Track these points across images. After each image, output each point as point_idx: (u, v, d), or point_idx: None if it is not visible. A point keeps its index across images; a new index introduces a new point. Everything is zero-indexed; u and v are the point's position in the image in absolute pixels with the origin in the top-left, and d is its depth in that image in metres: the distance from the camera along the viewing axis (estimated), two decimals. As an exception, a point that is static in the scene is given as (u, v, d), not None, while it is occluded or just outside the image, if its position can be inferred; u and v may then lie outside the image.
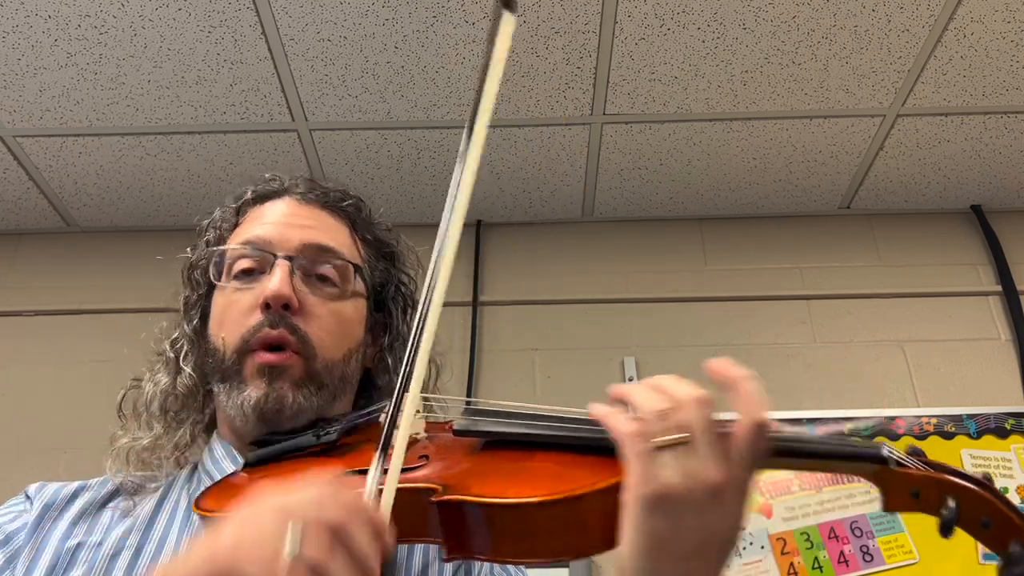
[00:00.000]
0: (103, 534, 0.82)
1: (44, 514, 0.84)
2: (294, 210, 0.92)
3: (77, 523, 0.83)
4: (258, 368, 0.83)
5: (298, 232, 0.89)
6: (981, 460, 2.09)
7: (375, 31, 1.93)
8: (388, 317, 0.97)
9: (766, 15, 1.91)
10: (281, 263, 0.85)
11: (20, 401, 2.28)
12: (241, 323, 0.85)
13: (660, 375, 0.63)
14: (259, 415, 0.82)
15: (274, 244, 0.88)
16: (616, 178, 2.40)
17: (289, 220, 0.91)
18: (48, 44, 1.92)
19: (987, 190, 2.47)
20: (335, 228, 0.93)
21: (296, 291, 0.85)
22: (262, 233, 0.89)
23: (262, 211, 0.93)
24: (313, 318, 0.86)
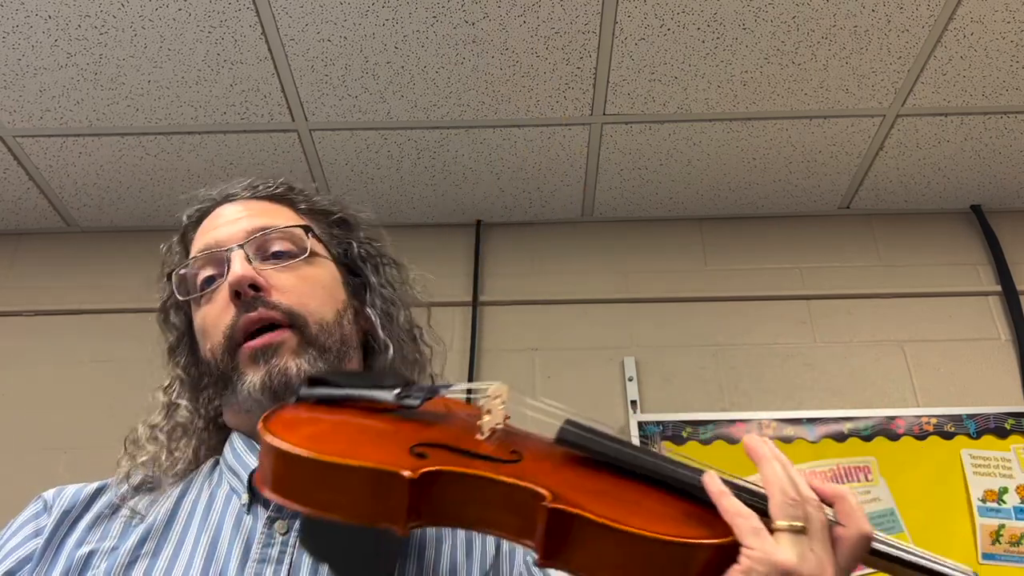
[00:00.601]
0: (118, 539, 0.81)
1: (61, 522, 0.83)
2: (230, 210, 0.94)
3: (91, 529, 0.83)
4: (251, 355, 0.83)
5: (242, 222, 0.90)
6: (981, 460, 2.09)
7: (375, 31, 1.93)
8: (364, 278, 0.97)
9: (766, 15, 1.91)
10: (235, 252, 0.86)
11: (20, 401, 2.28)
12: (220, 324, 0.85)
13: (784, 459, 0.70)
14: (270, 395, 0.81)
15: (222, 241, 0.89)
16: (616, 178, 2.40)
17: (229, 219, 0.92)
18: (48, 44, 1.92)
19: (987, 190, 2.47)
20: (274, 210, 0.94)
21: (259, 272, 0.85)
22: (208, 240, 0.91)
23: (204, 225, 0.95)
24: (286, 290, 0.86)
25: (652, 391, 2.25)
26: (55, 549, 0.81)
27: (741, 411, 2.21)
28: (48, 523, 0.83)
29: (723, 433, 2.13)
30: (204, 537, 0.79)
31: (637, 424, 2.14)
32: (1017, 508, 2.02)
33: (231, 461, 0.87)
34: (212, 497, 0.85)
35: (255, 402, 0.82)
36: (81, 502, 0.85)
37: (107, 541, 0.81)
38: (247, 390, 0.82)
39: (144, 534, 0.81)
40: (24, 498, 0.91)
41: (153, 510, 0.84)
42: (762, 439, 0.68)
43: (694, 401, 2.24)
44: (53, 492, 0.87)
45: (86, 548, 0.81)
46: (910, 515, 2.01)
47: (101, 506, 0.85)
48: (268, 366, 0.82)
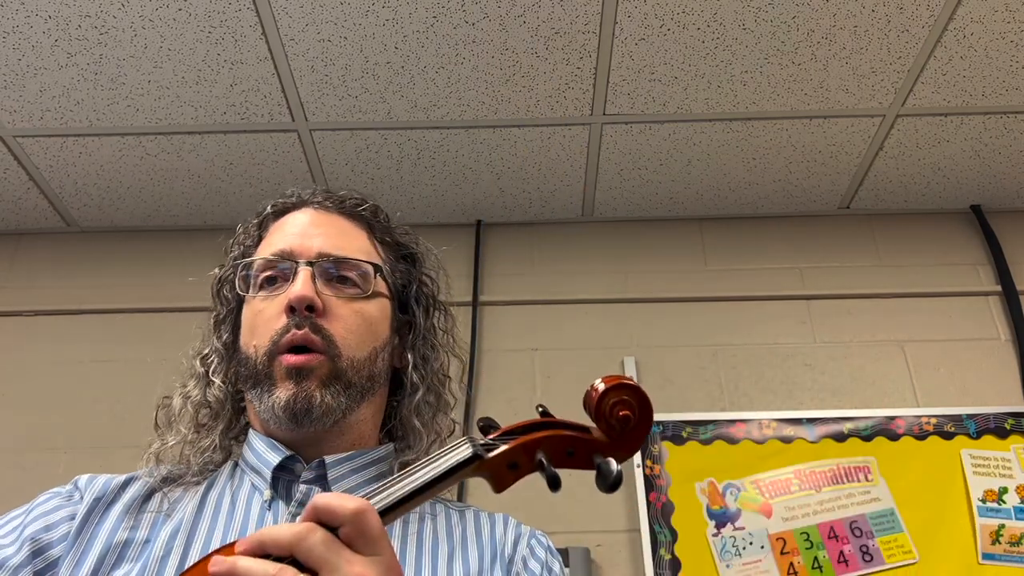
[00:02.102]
0: (149, 531, 0.84)
1: (94, 507, 0.86)
2: (313, 219, 0.96)
3: (124, 517, 0.85)
4: (286, 370, 0.86)
5: (317, 239, 0.93)
6: (981, 460, 2.09)
7: (375, 31, 1.93)
8: (412, 316, 1.00)
9: (766, 15, 1.91)
10: (303, 269, 0.89)
11: (20, 401, 2.28)
12: (269, 328, 0.89)
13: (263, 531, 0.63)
14: (290, 415, 0.85)
15: (295, 253, 0.92)
16: (616, 178, 2.40)
17: (308, 229, 0.95)
18: (48, 44, 1.93)
19: (987, 190, 2.47)
20: (353, 232, 0.97)
21: (319, 293, 0.89)
22: (283, 244, 0.93)
23: (283, 223, 0.98)
24: (336, 318, 0.89)
25: (652, 391, 2.21)
26: (90, 533, 0.83)
27: (741, 411, 2.21)
28: (81, 508, 0.85)
29: (723, 433, 2.13)
30: (231, 532, 0.83)
31: (637, 424, 2.14)
32: (1017, 508, 2.03)
33: (252, 460, 0.91)
34: (235, 494, 0.88)
35: (275, 416, 0.86)
36: (112, 490, 0.88)
37: (140, 531, 0.84)
38: (272, 403, 0.86)
39: (174, 529, 0.84)
40: (24, 498, 0.91)
41: (180, 507, 0.87)
42: (227, 562, 0.60)
43: (694, 401, 2.24)
44: (86, 478, 0.90)
45: (122, 535, 0.83)
46: (910, 515, 2.02)
47: (131, 496, 0.88)
48: (297, 388, 0.86)
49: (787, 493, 2.05)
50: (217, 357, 0.97)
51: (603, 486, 0.69)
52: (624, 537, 2.05)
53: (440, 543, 0.88)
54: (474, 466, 0.69)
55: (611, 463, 0.70)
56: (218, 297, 1.01)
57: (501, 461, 0.70)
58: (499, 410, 2.23)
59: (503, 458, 0.70)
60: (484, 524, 0.93)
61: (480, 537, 0.91)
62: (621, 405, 0.75)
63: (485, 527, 0.93)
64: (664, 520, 2.01)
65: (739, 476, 2.07)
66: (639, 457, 2.09)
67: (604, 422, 0.75)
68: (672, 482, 2.06)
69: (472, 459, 0.69)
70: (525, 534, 0.94)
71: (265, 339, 0.88)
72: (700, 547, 1.98)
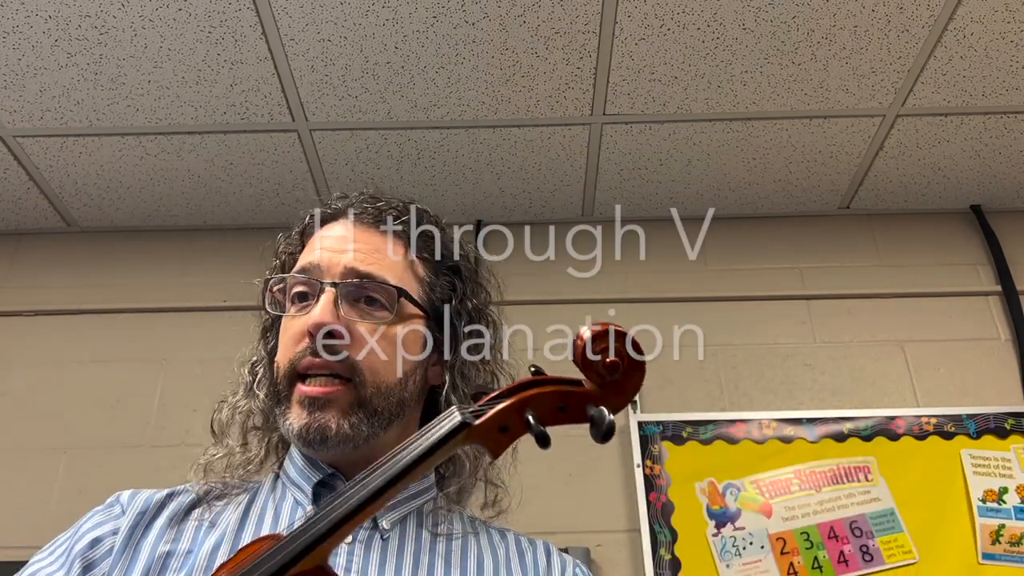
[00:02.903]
0: (191, 543, 0.85)
1: (138, 522, 0.86)
2: (346, 232, 0.93)
3: (166, 531, 0.86)
4: (300, 398, 0.86)
5: (345, 256, 0.90)
6: (981, 460, 2.09)
7: (375, 31, 1.93)
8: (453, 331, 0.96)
9: (766, 15, 1.91)
10: (327, 290, 0.87)
11: (20, 401, 2.28)
12: (292, 349, 0.88)
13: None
14: (304, 443, 0.85)
15: (321, 270, 0.89)
16: (616, 178, 2.40)
17: (339, 245, 0.92)
18: (48, 44, 1.93)
19: (987, 190, 2.47)
20: (387, 250, 0.93)
21: (342, 318, 0.86)
22: (312, 259, 0.91)
23: (320, 235, 0.95)
24: (359, 343, 0.86)
25: (652, 391, 2.25)
26: (135, 546, 0.84)
27: (741, 411, 2.21)
28: (124, 522, 0.86)
29: (723, 433, 2.13)
30: None
31: (637, 424, 2.14)
32: (1017, 508, 2.02)
33: (293, 475, 0.91)
34: (278, 508, 0.89)
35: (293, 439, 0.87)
36: (154, 505, 0.89)
37: (182, 543, 0.85)
38: (287, 428, 0.86)
39: (218, 540, 0.85)
40: (24, 498, 0.92)
41: (222, 519, 0.88)
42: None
43: (694, 401, 2.24)
44: (128, 494, 0.90)
45: (164, 547, 0.84)
46: (910, 515, 2.01)
47: (173, 509, 0.89)
48: (311, 418, 0.85)
49: (787, 493, 2.05)
50: (263, 368, 0.97)
51: (596, 436, 0.68)
52: (624, 537, 2.05)
53: (485, 560, 0.90)
54: (464, 434, 0.68)
55: (603, 412, 0.68)
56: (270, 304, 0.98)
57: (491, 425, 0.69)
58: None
59: (492, 422, 0.69)
60: (527, 548, 0.95)
61: (523, 560, 0.92)
62: (609, 351, 0.72)
63: (528, 552, 0.94)
64: (664, 520, 2.01)
65: (739, 476, 2.07)
66: (639, 457, 2.09)
67: (593, 371, 0.72)
68: (672, 482, 2.06)
69: (461, 427, 0.68)
70: (569, 563, 0.95)
71: (286, 360, 0.88)
72: (700, 547, 1.98)
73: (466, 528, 0.93)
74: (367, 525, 0.86)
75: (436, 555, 0.88)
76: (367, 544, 0.85)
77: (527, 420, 0.69)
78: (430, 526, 0.91)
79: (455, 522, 0.94)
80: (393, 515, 0.89)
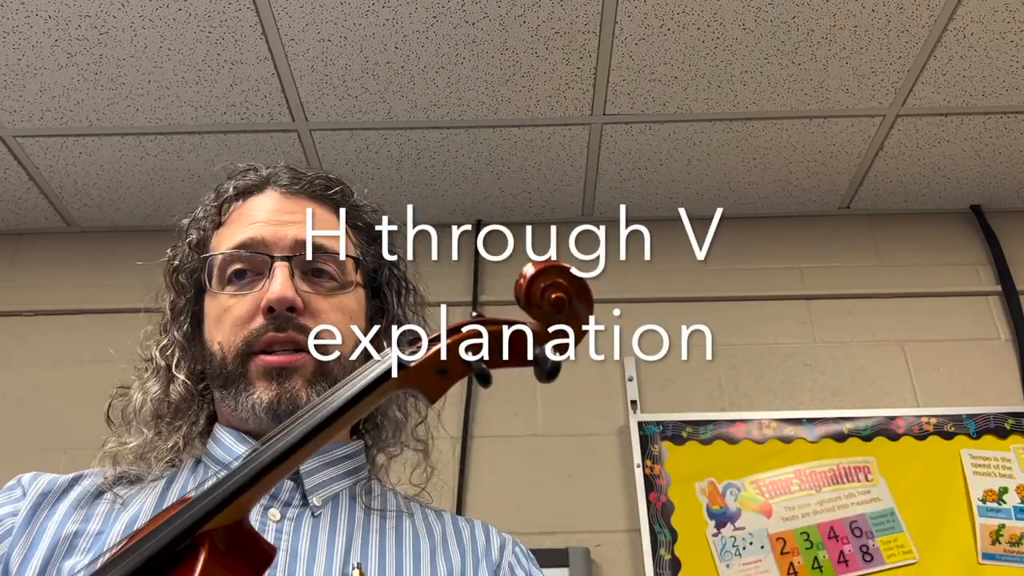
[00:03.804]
0: (102, 523, 0.81)
1: (40, 503, 0.82)
2: (281, 204, 0.91)
3: (74, 510, 0.82)
4: (264, 370, 0.82)
5: (291, 229, 0.87)
6: (981, 460, 2.09)
7: (375, 31, 1.93)
8: (384, 302, 0.96)
9: (766, 15, 1.91)
10: (280, 265, 0.84)
11: (20, 401, 2.28)
12: (242, 328, 0.84)
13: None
14: (273, 416, 0.81)
15: (268, 244, 0.86)
16: (616, 178, 2.40)
17: (279, 216, 0.89)
18: (48, 44, 1.92)
19: (987, 190, 2.47)
20: (326, 220, 0.91)
21: (298, 291, 0.84)
22: (253, 234, 0.87)
23: (246, 208, 0.92)
24: (319, 315, 0.85)
25: (652, 391, 2.25)
26: (37, 526, 0.80)
27: (741, 411, 2.21)
28: (25, 504, 0.82)
29: (723, 433, 2.13)
30: None
31: (637, 424, 2.14)
32: (1017, 508, 2.02)
33: (218, 454, 0.87)
34: (201, 488, 0.84)
35: (256, 417, 0.82)
36: (59, 487, 0.85)
37: (92, 523, 0.81)
38: (252, 404, 0.82)
39: (132, 519, 0.81)
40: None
41: (138, 500, 0.83)
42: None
43: (694, 401, 2.24)
44: (29, 476, 0.86)
45: (72, 527, 0.80)
46: (910, 515, 2.01)
47: (81, 491, 0.85)
48: (280, 389, 0.82)
49: (787, 493, 2.05)
50: (179, 350, 0.92)
51: (540, 375, 0.64)
52: (624, 537, 2.05)
53: (421, 540, 0.87)
54: (399, 378, 0.63)
55: (545, 351, 0.65)
56: (175, 285, 0.94)
57: (427, 366, 0.64)
58: (499, 408, 2.23)
59: (429, 363, 0.64)
60: (464, 527, 0.92)
61: (461, 538, 0.90)
62: (553, 288, 0.69)
63: (465, 529, 0.92)
64: (664, 520, 2.01)
65: (739, 476, 2.07)
66: (639, 457, 2.09)
67: (537, 310, 0.69)
68: (672, 482, 2.06)
69: (397, 368, 0.63)
70: (508, 541, 0.93)
71: (237, 339, 0.84)
72: (700, 547, 1.98)
73: (400, 507, 0.90)
74: (297, 502, 0.83)
75: (370, 532, 0.84)
76: (297, 521, 0.81)
77: (466, 360, 0.65)
78: (364, 503, 0.88)
79: (389, 500, 0.91)
80: (325, 492, 0.85)
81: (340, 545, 0.81)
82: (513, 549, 0.92)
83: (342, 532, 0.83)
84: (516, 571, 0.89)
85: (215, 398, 0.90)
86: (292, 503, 0.83)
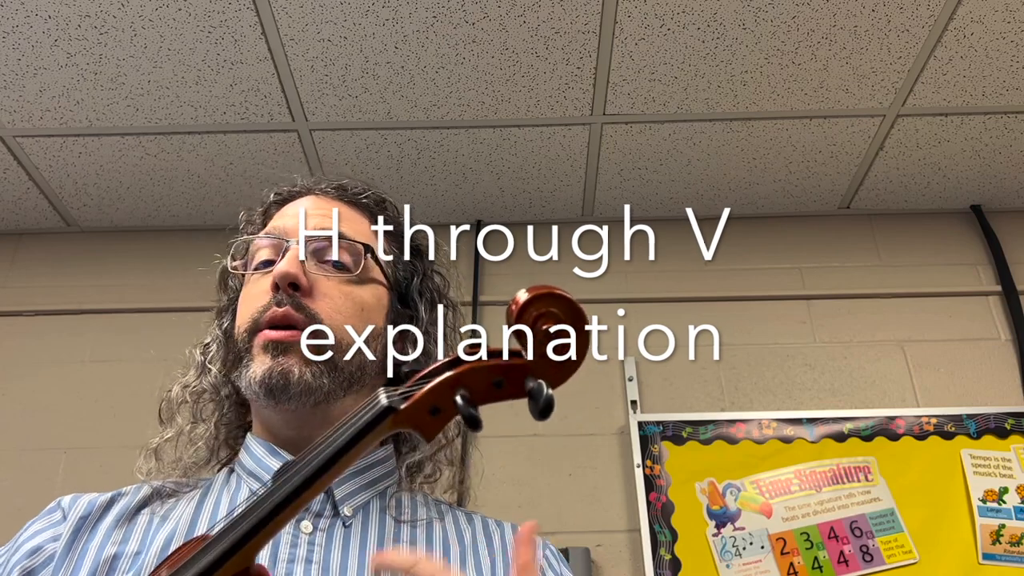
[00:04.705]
0: (140, 543, 0.82)
1: (80, 527, 0.83)
2: (314, 203, 0.94)
3: (112, 532, 0.83)
4: (263, 345, 0.83)
5: (314, 220, 0.90)
6: (981, 460, 2.09)
7: (375, 31, 1.93)
8: (414, 311, 0.96)
9: (766, 15, 1.91)
10: (291, 246, 0.87)
11: (20, 401, 2.28)
12: (254, 304, 0.86)
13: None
14: (266, 390, 0.82)
15: (288, 231, 0.90)
16: (616, 178, 2.40)
17: (307, 212, 0.92)
18: (48, 44, 1.92)
19: (987, 190, 2.47)
20: (353, 218, 0.94)
21: (307, 273, 0.86)
22: (279, 224, 0.92)
23: (284, 210, 0.96)
24: (324, 298, 0.86)
25: (652, 391, 2.25)
26: (78, 551, 0.81)
27: (741, 411, 2.21)
28: (66, 527, 0.83)
29: (723, 433, 2.13)
30: None
31: (637, 424, 2.14)
32: (1017, 508, 2.02)
33: (250, 465, 0.88)
34: (233, 501, 0.85)
35: (253, 393, 0.84)
36: (98, 508, 0.86)
37: (130, 544, 0.81)
38: (249, 379, 0.83)
39: (169, 536, 0.81)
40: (24, 498, 0.91)
41: (174, 514, 0.85)
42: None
43: (694, 401, 2.24)
44: (69, 498, 0.87)
45: (111, 549, 0.81)
46: (910, 515, 2.01)
47: (119, 510, 0.86)
48: (274, 362, 0.82)
49: (787, 493, 2.05)
50: (216, 345, 0.95)
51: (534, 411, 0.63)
52: (624, 537, 2.05)
53: (451, 546, 0.87)
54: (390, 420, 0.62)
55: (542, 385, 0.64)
56: (223, 287, 0.99)
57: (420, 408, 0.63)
58: (499, 408, 2.22)
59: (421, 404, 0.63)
60: (494, 530, 0.93)
61: (491, 543, 0.90)
62: (547, 318, 0.67)
63: (496, 533, 0.92)
64: (664, 520, 2.01)
65: (739, 476, 2.07)
66: (639, 457, 2.09)
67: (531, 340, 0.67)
68: (672, 482, 2.06)
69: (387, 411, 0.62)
70: (539, 544, 0.93)
71: (248, 316, 0.86)
72: (700, 547, 1.98)
73: (431, 513, 0.91)
74: (328, 513, 0.83)
75: (401, 542, 0.85)
76: (329, 532, 0.82)
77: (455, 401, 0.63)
78: (393, 511, 0.88)
79: (419, 507, 0.91)
80: (355, 500, 0.86)
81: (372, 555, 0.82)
82: (544, 552, 0.92)
83: (373, 542, 0.83)
84: (547, 574, 0.89)
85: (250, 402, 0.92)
86: (323, 514, 0.83)
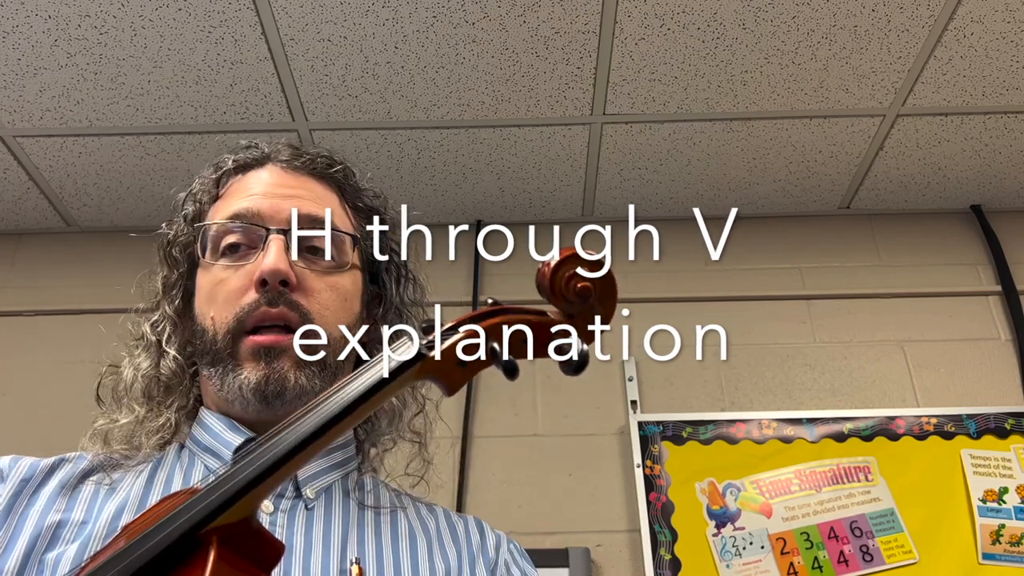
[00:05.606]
0: (86, 512, 0.78)
1: (21, 489, 0.80)
2: (280, 179, 0.88)
3: (56, 499, 0.79)
4: (253, 350, 0.80)
5: (288, 202, 0.84)
6: (981, 460, 2.09)
7: (375, 31, 1.93)
8: (382, 288, 0.93)
9: (766, 15, 1.91)
10: (275, 238, 0.81)
11: (20, 401, 2.27)
12: (234, 303, 0.81)
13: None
14: (261, 398, 0.79)
15: (265, 217, 0.83)
16: (616, 178, 2.40)
17: (276, 190, 0.86)
18: (48, 44, 1.92)
19: (987, 190, 2.47)
20: (325, 197, 0.89)
21: (293, 266, 0.81)
22: (250, 205, 0.84)
23: (245, 181, 0.89)
24: (312, 293, 0.82)
25: (652, 391, 2.25)
26: (19, 514, 0.77)
27: (741, 411, 2.21)
28: (5, 489, 0.79)
29: (723, 433, 2.13)
30: None
31: (637, 424, 2.14)
32: (1017, 508, 2.02)
33: (206, 440, 0.84)
34: (188, 475, 0.82)
35: (242, 398, 0.80)
36: (40, 471, 0.82)
37: (75, 512, 0.78)
38: (239, 385, 0.79)
39: (119, 506, 0.78)
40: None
41: (123, 486, 0.81)
42: None
43: (694, 401, 2.24)
44: (9, 459, 0.83)
45: (55, 516, 0.77)
46: (910, 515, 2.01)
47: (63, 476, 0.82)
48: (269, 369, 0.79)
49: (787, 493, 2.05)
50: (169, 325, 0.89)
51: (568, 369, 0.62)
52: (624, 537, 2.05)
53: (417, 536, 0.85)
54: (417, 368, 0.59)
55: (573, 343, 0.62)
56: (168, 259, 0.92)
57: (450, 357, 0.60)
58: (500, 408, 2.23)
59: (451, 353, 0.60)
60: (457, 522, 0.91)
61: (455, 535, 0.89)
62: (578, 278, 0.66)
63: (459, 525, 0.91)
64: (664, 520, 2.01)
65: (739, 476, 2.07)
66: (639, 457, 2.09)
67: (561, 300, 0.66)
68: (672, 482, 2.06)
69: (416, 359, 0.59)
70: (503, 539, 0.92)
71: (228, 314, 0.81)
72: (700, 547, 1.98)
73: (394, 502, 0.88)
74: (290, 494, 0.80)
75: (366, 526, 0.82)
76: (290, 515, 0.79)
77: (491, 349, 0.61)
78: (357, 496, 0.85)
79: (382, 494, 0.89)
80: (318, 483, 0.83)
81: (336, 539, 0.79)
82: (508, 547, 0.91)
83: (337, 526, 0.81)
84: (512, 569, 0.89)
85: (201, 377, 0.87)
86: (285, 495, 0.80)
